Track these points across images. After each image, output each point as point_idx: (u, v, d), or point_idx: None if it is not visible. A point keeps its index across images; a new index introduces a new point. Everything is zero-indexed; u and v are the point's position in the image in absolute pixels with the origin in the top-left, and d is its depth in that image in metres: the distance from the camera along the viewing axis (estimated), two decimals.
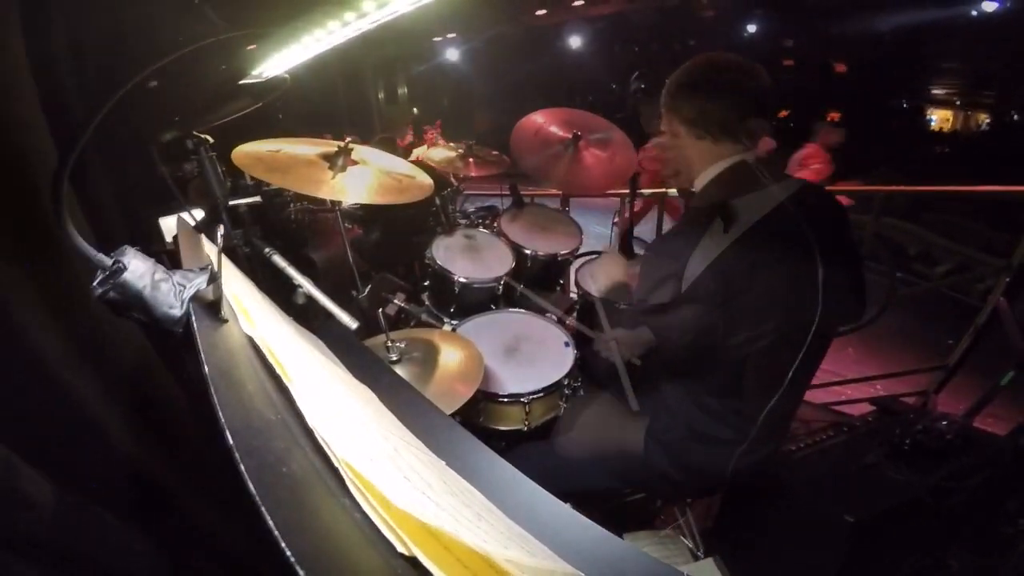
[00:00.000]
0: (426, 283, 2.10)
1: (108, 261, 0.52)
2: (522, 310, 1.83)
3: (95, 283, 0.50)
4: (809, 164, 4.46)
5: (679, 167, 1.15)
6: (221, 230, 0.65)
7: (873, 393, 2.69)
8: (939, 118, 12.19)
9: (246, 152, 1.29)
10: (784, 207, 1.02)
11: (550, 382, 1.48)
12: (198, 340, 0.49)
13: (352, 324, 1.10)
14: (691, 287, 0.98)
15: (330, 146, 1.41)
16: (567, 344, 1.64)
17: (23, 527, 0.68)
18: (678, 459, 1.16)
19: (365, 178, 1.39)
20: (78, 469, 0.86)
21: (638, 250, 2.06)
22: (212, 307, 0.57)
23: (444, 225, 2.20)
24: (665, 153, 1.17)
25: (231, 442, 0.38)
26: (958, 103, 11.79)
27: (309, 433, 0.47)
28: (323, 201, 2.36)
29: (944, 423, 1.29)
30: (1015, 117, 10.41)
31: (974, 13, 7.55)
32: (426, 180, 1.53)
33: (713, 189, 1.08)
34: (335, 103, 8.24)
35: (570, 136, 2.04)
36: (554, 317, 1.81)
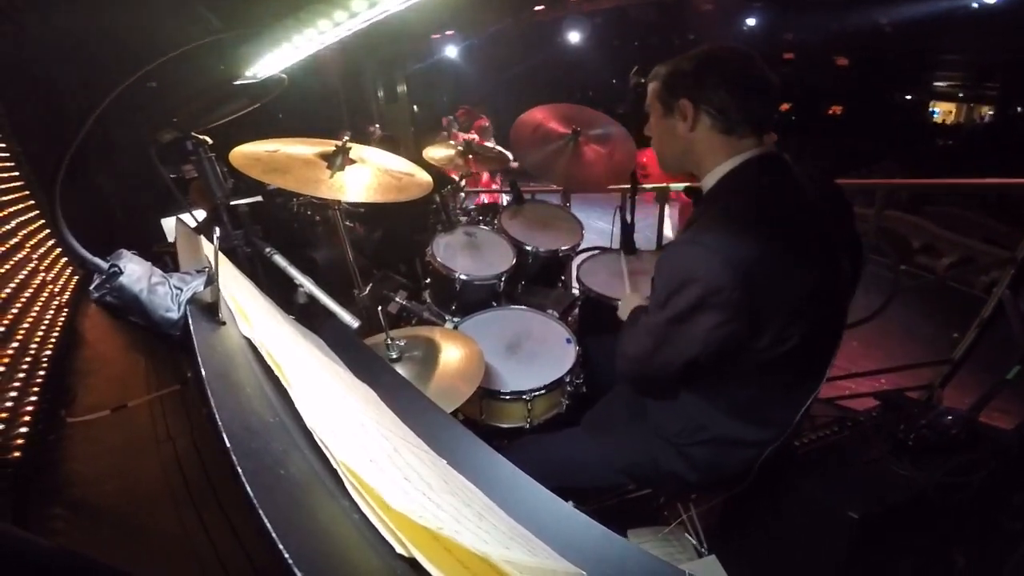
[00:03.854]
0: (427, 281, 2.10)
1: (105, 265, 0.51)
2: (523, 307, 1.83)
3: (92, 287, 0.50)
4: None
5: (681, 158, 1.08)
6: (218, 232, 0.65)
7: (877, 387, 2.68)
8: (942, 111, 12.13)
9: (244, 153, 1.29)
10: (807, 201, 0.98)
11: (552, 379, 1.47)
12: (196, 342, 0.49)
13: (353, 323, 1.10)
14: (711, 293, 0.90)
15: (328, 145, 1.41)
16: (569, 341, 1.63)
17: None
18: (692, 460, 1.14)
19: (364, 177, 1.39)
20: None
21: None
22: (210, 309, 0.57)
23: (445, 223, 2.20)
24: (665, 145, 1.09)
25: (228, 444, 0.38)
26: (961, 96, 11.72)
27: (308, 435, 0.47)
28: (324, 199, 2.36)
29: (949, 418, 1.28)
30: (1019, 109, 10.33)
31: (975, 5, 7.49)
32: (425, 178, 1.53)
33: (731, 185, 1.00)
34: (335, 102, 8.23)
35: (570, 132, 2.04)
36: (555, 314, 1.80)
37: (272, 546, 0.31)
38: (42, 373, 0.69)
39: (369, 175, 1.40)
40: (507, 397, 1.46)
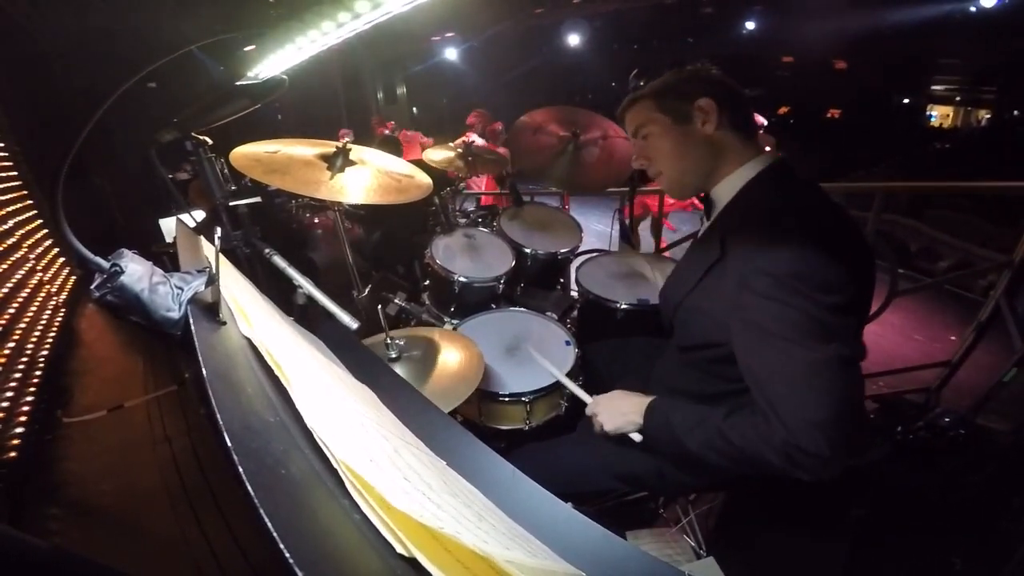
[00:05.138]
0: (426, 283, 2.10)
1: (106, 264, 0.51)
2: (523, 309, 1.83)
3: (93, 286, 0.50)
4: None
5: (700, 167, 1.03)
6: (219, 232, 0.65)
7: (876, 390, 2.69)
8: (939, 114, 12.21)
9: (244, 154, 1.29)
10: (831, 202, 0.95)
11: (551, 381, 1.47)
12: (197, 342, 0.49)
13: (352, 324, 1.10)
14: (803, 278, 0.81)
15: (328, 146, 1.41)
16: (568, 343, 1.63)
17: None
18: (687, 460, 1.11)
19: (364, 178, 1.39)
20: None
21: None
22: (210, 309, 0.57)
23: (444, 224, 2.20)
24: (684, 157, 1.03)
25: (229, 444, 0.38)
26: (958, 99, 11.80)
27: (308, 435, 0.47)
28: (323, 201, 2.37)
29: (947, 420, 1.29)
30: (1015, 113, 10.39)
31: (973, 9, 7.53)
32: (425, 180, 1.53)
33: (763, 193, 0.95)
34: (334, 104, 8.26)
35: (569, 134, 2.04)
36: (555, 316, 1.80)
37: (273, 546, 0.31)
38: (38, 373, 0.69)
39: (369, 176, 1.40)
40: (506, 399, 1.46)
